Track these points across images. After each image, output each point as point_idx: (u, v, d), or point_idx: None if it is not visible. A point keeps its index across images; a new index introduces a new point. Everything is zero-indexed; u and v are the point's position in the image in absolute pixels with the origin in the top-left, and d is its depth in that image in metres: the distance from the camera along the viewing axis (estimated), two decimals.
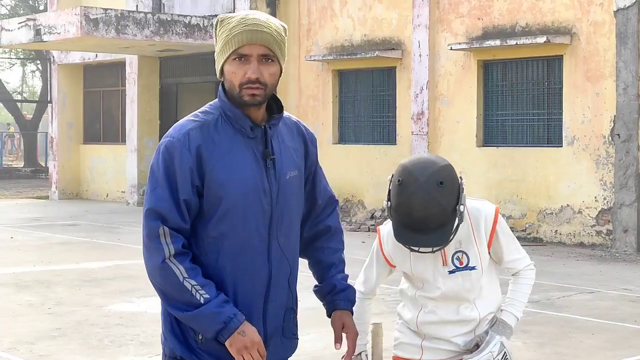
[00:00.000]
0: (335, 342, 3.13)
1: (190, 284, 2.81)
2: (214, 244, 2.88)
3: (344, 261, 3.19)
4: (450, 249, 3.27)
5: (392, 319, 3.83)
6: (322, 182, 3.19)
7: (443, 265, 3.28)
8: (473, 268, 3.29)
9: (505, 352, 3.27)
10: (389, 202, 3.20)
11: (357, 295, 3.37)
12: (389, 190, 3.19)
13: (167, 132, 2.95)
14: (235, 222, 2.87)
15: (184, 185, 2.84)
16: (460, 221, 3.16)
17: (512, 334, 3.35)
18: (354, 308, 3.22)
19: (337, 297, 3.12)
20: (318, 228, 3.17)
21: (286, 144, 3.02)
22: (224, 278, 2.89)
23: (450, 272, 3.28)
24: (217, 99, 2.98)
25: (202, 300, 2.80)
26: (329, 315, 3.16)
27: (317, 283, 3.19)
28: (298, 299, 3.14)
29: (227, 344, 2.81)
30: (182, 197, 2.84)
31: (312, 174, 3.14)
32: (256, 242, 2.91)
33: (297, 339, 3.13)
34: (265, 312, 2.95)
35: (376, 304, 4.61)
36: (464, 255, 3.28)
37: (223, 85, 2.96)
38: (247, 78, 2.87)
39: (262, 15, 2.91)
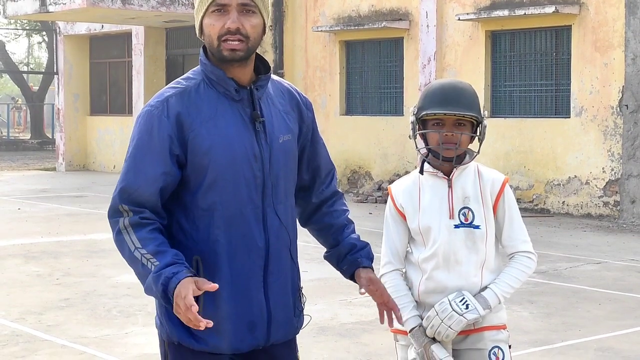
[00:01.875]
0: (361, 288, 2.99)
1: (140, 253, 2.67)
2: (204, 216, 2.74)
3: (353, 222, 3.09)
4: (457, 203, 3.29)
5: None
6: (324, 148, 3.07)
7: (450, 218, 3.29)
8: (477, 227, 3.30)
9: (464, 299, 3.23)
10: (415, 108, 3.35)
11: (388, 270, 3.38)
12: (414, 108, 3.37)
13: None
14: (225, 191, 2.73)
15: (161, 155, 2.71)
16: (483, 132, 3.30)
17: (489, 309, 3.26)
18: (390, 286, 3.31)
19: (358, 254, 2.99)
20: (323, 197, 3.05)
21: (277, 107, 2.87)
22: (218, 251, 2.75)
23: (456, 226, 3.29)
24: (199, 64, 2.84)
25: (152, 269, 2.64)
26: (350, 276, 3.02)
27: (327, 249, 3.07)
28: (305, 270, 3.09)
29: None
30: (158, 167, 2.71)
31: (310, 140, 3.00)
32: (249, 211, 2.77)
33: (304, 315, 3.01)
34: (267, 285, 2.81)
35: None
36: (469, 212, 3.30)
37: (204, 49, 2.82)
38: (226, 29, 2.70)
39: None
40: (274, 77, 2.94)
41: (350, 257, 3.00)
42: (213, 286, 2.60)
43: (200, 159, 2.73)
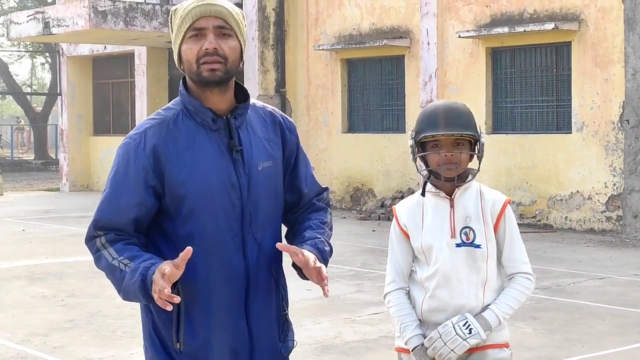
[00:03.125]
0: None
1: (118, 260, 2.72)
2: (184, 244, 2.73)
3: (322, 227, 2.97)
4: (459, 223, 3.33)
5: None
6: (307, 171, 3.04)
7: (451, 237, 3.32)
8: (478, 246, 3.33)
9: (468, 323, 3.26)
10: (413, 132, 3.39)
11: (392, 289, 3.41)
12: (412, 132, 3.40)
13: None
14: (203, 220, 2.76)
15: (135, 186, 2.75)
16: (482, 149, 3.34)
17: (490, 331, 3.29)
18: (394, 304, 3.36)
19: (303, 244, 2.87)
20: (304, 210, 3.03)
21: (257, 135, 2.88)
22: (198, 279, 2.77)
23: (457, 245, 3.32)
24: (179, 95, 2.88)
25: (127, 270, 2.69)
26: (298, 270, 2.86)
27: None
28: (309, 289, 3.10)
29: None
30: (132, 198, 2.75)
31: (294, 162, 2.99)
32: (228, 239, 2.78)
33: (293, 340, 2.99)
34: (249, 312, 2.82)
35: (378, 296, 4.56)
36: (471, 231, 3.34)
37: (184, 81, 2.86)
38: (204, 50, 2.74)
39: None
40: (256, 102, 2.96)
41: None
42: (187, 250, 2.60)
43: (178, 190, 2.76)
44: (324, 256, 2.89)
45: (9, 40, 24.14)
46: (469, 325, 3.26)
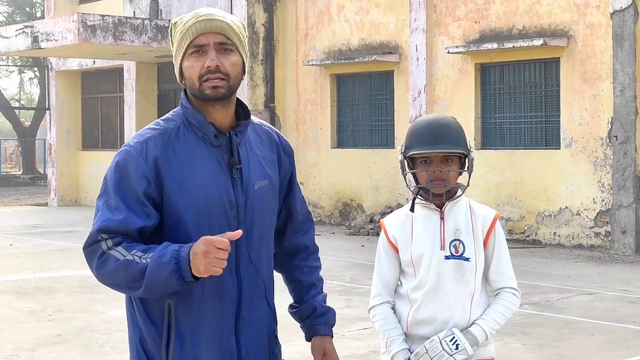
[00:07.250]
0: None
1: (132, 254, 2.62)
2: None
3: (322, 280, 3.08)
4: (448, 235, 3.33)
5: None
6: (300, 195, 3.06)
7: (441, 249, 3.32)
8: (467, 259, 3.33)
9: (455, 338, 3.25)
10: (402, 147, 3.37)
11: (377, 302, 3.39)
12: (402, 147, 3.39)
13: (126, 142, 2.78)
14: (199, 237, 2.66)
15: (137, 195, 2.68)
16: (471, 165, 3.32)
17: (477, 346, 3.28)
18: (380, 318, 3.34)
19: (317, 321, 3.01)
20: (296, 245, 3.04)
21: (255, 153, 2.85)
22: (190, 296, 2.73)
23: (446, 257, 3.32)
24: (180, 107, 2.82)
25: (149, 260, 2.60)
26: (308, 339, 3.03)
27: (293, 302, 3.07)
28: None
29: (196, 274, 2.59)
30: (137, 207, 2.67)
31: (286, 185, 2.99)
32: None
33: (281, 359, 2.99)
34: (238, 332, 2.79)
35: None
36: (460, 244, 3.33)
37: (186, 91, 2.80)
38: (206, 68, 2.69)
39: (218, 10, 2.77)
40: (254, 120, 2.93)
41: (309, 322, 3.01)
42: (238, 232, 2.63)
43: (175, 205, 2.71)
44: (333, 325, 3.08)
45: None
46: (456, 340, 3.25)
